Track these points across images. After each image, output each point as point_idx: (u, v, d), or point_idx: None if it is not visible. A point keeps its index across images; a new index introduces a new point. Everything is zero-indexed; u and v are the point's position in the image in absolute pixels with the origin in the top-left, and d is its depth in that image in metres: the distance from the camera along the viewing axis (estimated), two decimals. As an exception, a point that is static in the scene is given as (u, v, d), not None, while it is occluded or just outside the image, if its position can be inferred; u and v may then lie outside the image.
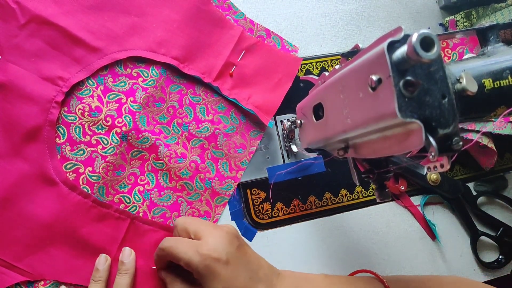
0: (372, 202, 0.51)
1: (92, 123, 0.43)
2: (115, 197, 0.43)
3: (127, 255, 0.40)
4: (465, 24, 0.58)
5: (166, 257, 0.37)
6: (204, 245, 0.34)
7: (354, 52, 0.31)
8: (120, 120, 0.44)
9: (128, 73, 0.45)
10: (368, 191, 0.51)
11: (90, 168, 0.42)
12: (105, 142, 0.43)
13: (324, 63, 0.53)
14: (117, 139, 0.43)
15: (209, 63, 0.47)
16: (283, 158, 0.50)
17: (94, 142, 0.43)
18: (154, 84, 0.45)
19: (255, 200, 0.47)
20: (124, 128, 0.43)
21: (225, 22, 0.49)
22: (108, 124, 0.43)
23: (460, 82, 0.25)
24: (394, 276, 0.44)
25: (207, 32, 0.48)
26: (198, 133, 0.46)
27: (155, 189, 0.43)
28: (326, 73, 0.36)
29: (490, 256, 0.52)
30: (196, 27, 0.47)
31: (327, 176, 0.50)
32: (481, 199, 0.53)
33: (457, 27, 0.58)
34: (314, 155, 0.49)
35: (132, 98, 0.45)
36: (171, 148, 0.44)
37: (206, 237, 0.36)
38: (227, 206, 0.46)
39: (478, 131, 0.49)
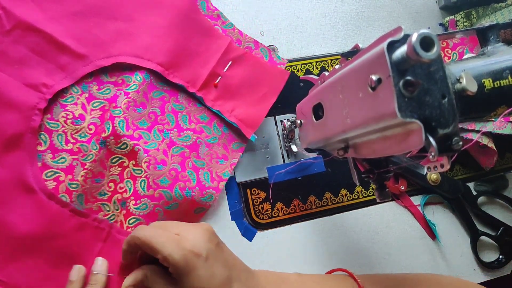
0: (372, 202, 0.51)
1: (75, 130, 0.42)
2: (94, 205, 0.41)
3: (99, 265, 0.39)
4: (465, 24, 0.57)
5: (140, 247, 0.34)
6: (185, 240, 0.33)
7: (354, 52, 0.31)
8: (102, 127, 0.43)
9: (113, 81, 0.44)
10: (368, 191, 0.51)
11: (70, 176, 0.41)
12: (85, 149, 0.42)
13: (324, 63, 0.53)
14: (96, 146, 0.42)
15: (194, 72, 0.46)
16: (283, 158, 0.50)
17: (76, 150, 0.42)
18: (137, 88, 0.44)
19: (255, 200, 0.47)
20: (103, 134, 0.42)
21: (213, 32, 0.48)
22: (91, 132, 0.42)
23: (460, 82, 0.25)
24: (375, 275, 0.44)
25: (195, 40, 0.47)
26: (179, 141, 0.45)
27: (132, 197, 0.42)
28: (326, 73, 0.36)
29: (490, 256, 0.52)
30: (183, 34, 0.47)
31: (327, 176, 0.50)
32: (481, 199, 0.53)
33: (457, 27, 0.58)
34: (314, 155, 0.49)
35: (114, 104, 0.43)
36: (150, 154, 0.43)
37: (184, 232, 0.35)
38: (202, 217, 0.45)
39: (478, 131, 0.49)
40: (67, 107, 0.42)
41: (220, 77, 0.47)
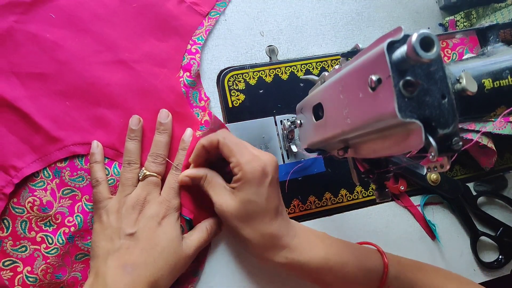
0: (372, 202, 0.51)
1: (40, 218, 0.40)
2: None
3: (164, 116, 0.42)
4: (465, 24, 0.58)
5: (220, 148, 0.38)
6: (259, 159, 0.37)
7: (354, 52, 0.31)
8: (71, 219, 0.41)
9: (88, 168, 0.42)
10: (368, 191, 0.51)
11: (29, 268, 0.39)
12: (50, 241, 0.40)
13: (324, 63, 0.53)
14: (63, 240, 0.40)
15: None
16: (283, 158, 0.50)
17: (39, 239, 0.39)
18: (114, 183, 0.42)
19: (255, 200, 0.47)
20: (72, 229, 0.40)
21: (197, 126, 0.45)
22: (58, 221, 0.40)
23: (460, 82, 0.25)
24: (399, 256, 0.44)
25: (174, 137, 0.44)
26: None
27: None
28: (326, 73, 0.36)
29: (490, 256, 0.52)
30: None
31: (327, 176, 0.50)
32: (481, 199, 0.53)
33: (457, 27, 0.58)
34: (314, 155, 0.49)
35: (87, 197, 0.41)
36: None
37: (260, 154, 0.38)
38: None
39: (478, 131, 0.49)
40: (35, 192, 0.40)
41: None
